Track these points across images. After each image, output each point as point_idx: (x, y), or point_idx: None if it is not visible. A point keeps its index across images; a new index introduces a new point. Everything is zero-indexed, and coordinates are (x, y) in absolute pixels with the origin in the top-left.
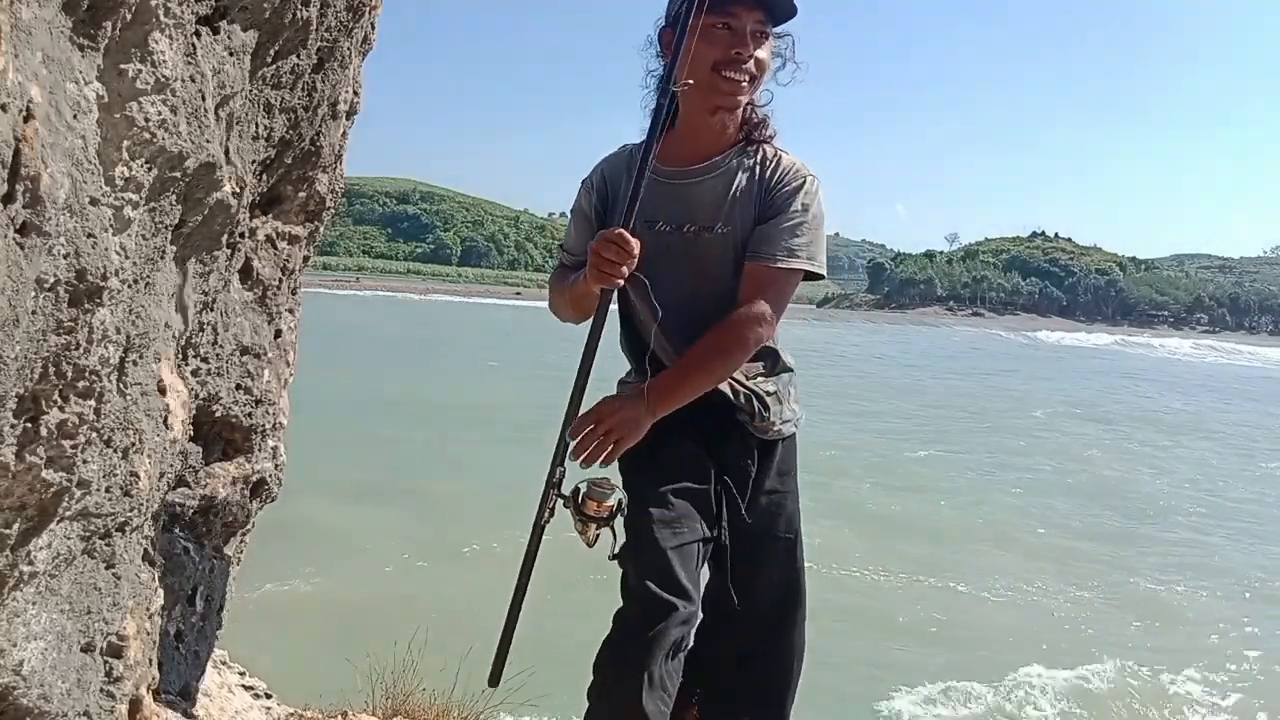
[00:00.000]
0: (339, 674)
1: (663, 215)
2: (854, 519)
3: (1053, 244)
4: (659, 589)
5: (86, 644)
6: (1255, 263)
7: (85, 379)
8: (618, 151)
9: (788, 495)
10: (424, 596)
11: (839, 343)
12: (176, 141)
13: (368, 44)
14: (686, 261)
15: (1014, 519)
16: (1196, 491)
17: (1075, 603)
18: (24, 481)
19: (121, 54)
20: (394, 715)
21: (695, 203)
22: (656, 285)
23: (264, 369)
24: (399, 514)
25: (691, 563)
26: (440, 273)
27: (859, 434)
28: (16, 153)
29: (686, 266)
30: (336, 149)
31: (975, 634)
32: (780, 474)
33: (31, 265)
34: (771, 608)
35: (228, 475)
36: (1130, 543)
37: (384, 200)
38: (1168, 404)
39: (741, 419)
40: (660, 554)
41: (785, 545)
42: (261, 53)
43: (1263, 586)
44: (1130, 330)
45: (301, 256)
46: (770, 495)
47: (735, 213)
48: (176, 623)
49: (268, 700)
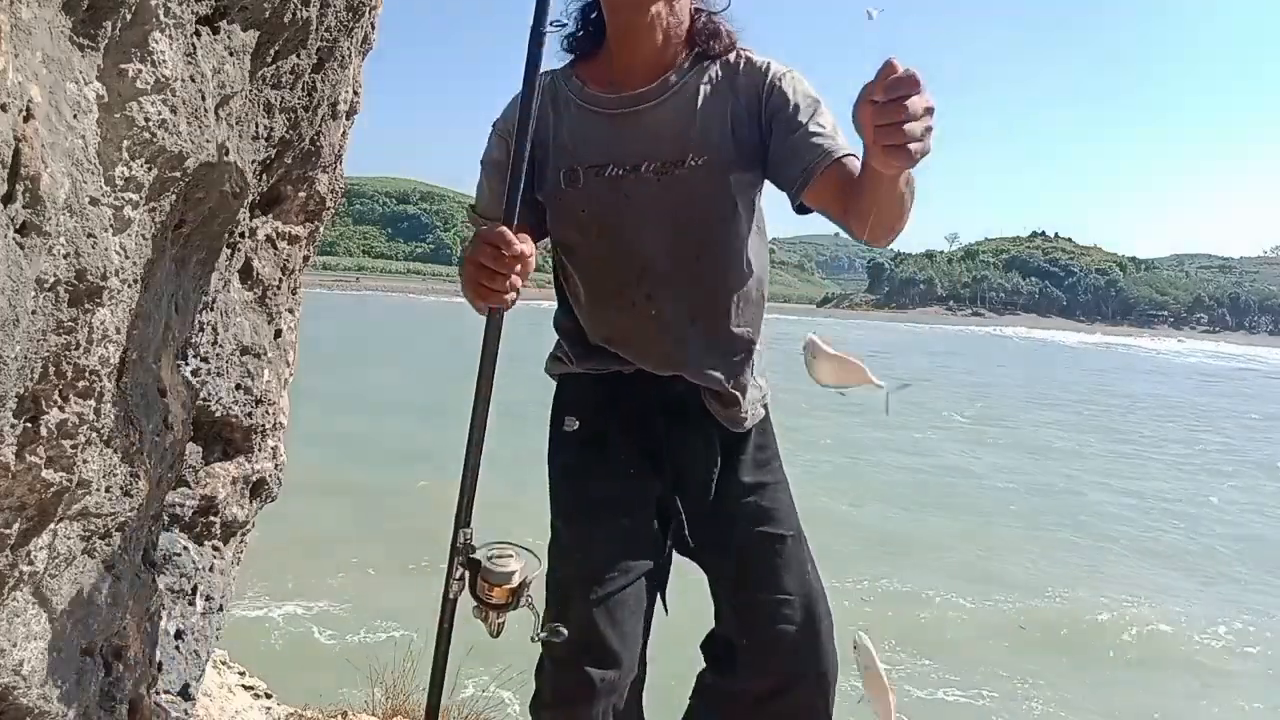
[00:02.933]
0: (339, 674)
1: (611, 155)
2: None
3: (1053, 244)
4: (577, 660)
5: (86, 644)
6: (1255, 263)
7: (85, 379)
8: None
9: (777, 486)
10: (425, 595)
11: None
12: (176, 141)
13: (368, 44)
14: (657, 208)
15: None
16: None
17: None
18: (24, 481)
19: (121, 54)
20: (394, 715)
21: (651, 134)
22: (620, 245)
23: (264, 369)
24: (399, 514)
25: (623, 611)
26: (440, 273)
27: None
28: (16, 153)
29: (659, 214)
30: (336, 149)
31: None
32: (759, 465)
33: (31, 265)
34: (797, 629)
35: (227, 475)
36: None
37: (384, 200)
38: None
39: (712, 407)
40: (582, 614)
41: (790, 546)
42: (261, 53)
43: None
44: (1135, 330)
45: (301, 256)
46: (756, 492)
47: (710, 138)
48: (176, 622)
49: (268, 700)
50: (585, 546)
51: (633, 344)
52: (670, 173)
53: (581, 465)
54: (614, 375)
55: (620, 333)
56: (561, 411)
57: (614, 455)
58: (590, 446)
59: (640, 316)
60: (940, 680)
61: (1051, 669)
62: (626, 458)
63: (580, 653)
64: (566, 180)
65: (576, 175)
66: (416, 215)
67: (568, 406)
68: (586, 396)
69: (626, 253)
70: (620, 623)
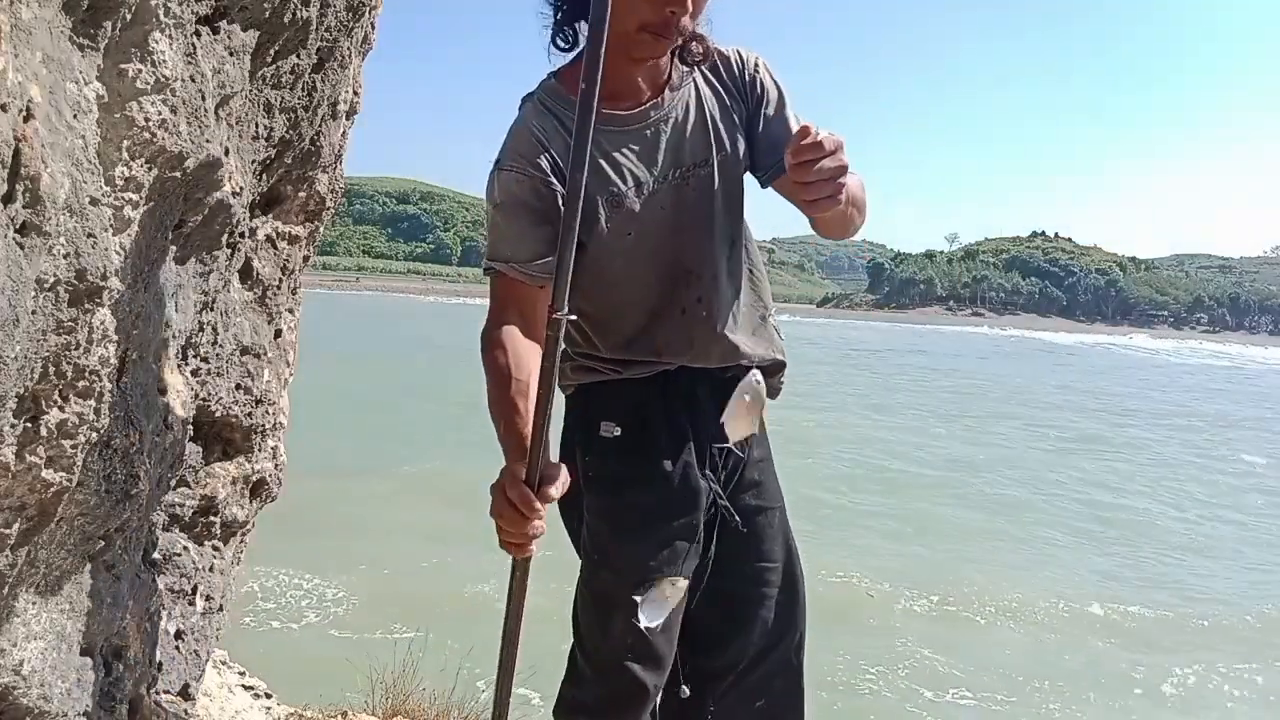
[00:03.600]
0: (339, 674)
1: (647, 171)
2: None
3: (1053, 244)
4: (626, 666)
5: (86, 644)
6: (1255, 263)
7: (85, 379)
8: (529, 110)
9: (770, 461)
10: (424, 596)
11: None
12: (176, 141)
13: (368, 44)
14: (694, 212)
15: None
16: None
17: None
18: (24, 481)
19: (121, 54)
20: (394, 715)
21: (675, 141)
22: (667, 257)
23: (264, 369)
24: (400, 514)
25: (677, 620)
26: (440, 273)
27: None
28: (16, 153)
29: (696, 217)
30: (336, 149)
31: None
32: (758, 441)
33: (31, 265)
34: (780, 591)
35: (227, 475)
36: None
37: (384, 200)
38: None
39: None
40: (628, 624)
41: (779, 516)
42: (261, 53)
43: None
44: (1135, 330)
45: (301, 256)
46: (757, 467)
47: (722, 135)
48: (176, 622)
49: (268, 700)
50: (632, 555)
51: (689, 349)
52: (697, 174)
53: (625, 472)
54: (660, 375)
55: (673, 344)
56: (597, 417)
57: (657, 458)
58: (633, 452)
59: (692, 321)
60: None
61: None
62: (671, 460)
63: (631, 659)
64: (609, 206)
65: (620, 199)
66: (416, 215)
67: (605, 412)
68: (628, 400)
69: (673, 263)
70: (672, 635)
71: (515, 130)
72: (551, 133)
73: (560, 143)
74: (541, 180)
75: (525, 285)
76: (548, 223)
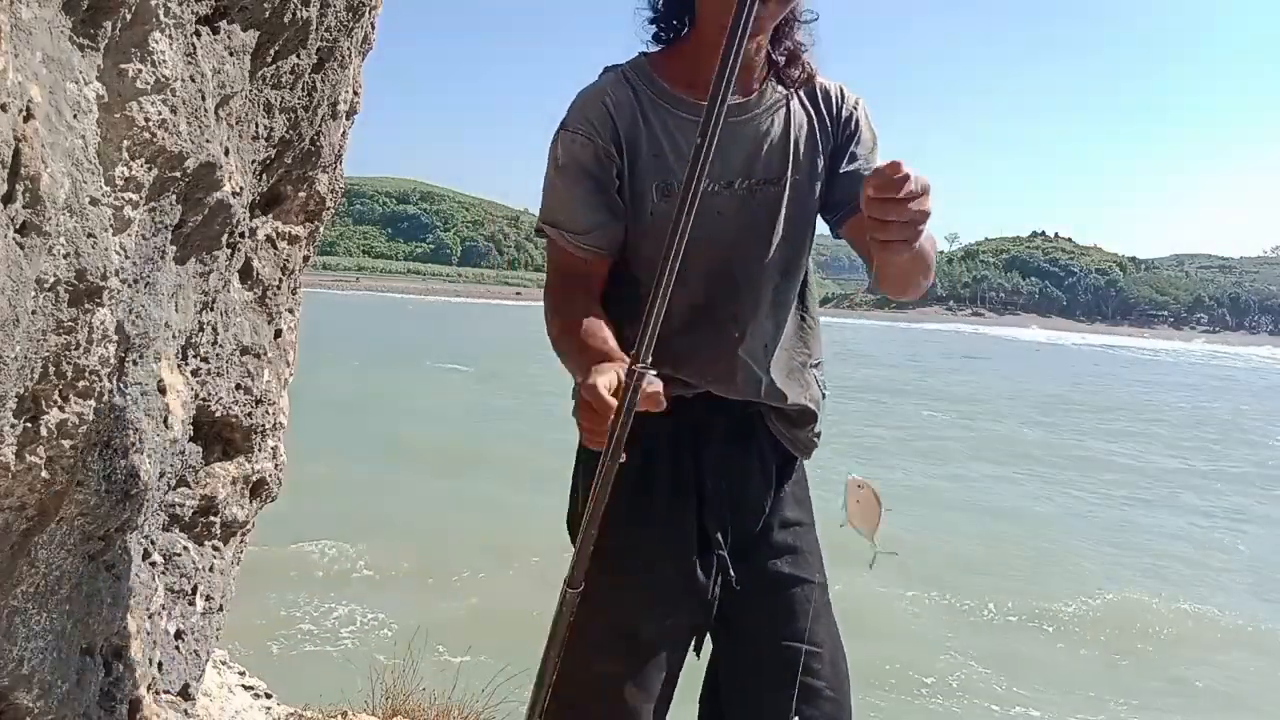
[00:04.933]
0: (339, 674)
1: (709, 169)
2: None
3: (1053, 244)
4: (597, 708)
5: (86, 644)
6: (1255, 263)
7: (85, 379)
8: (609, 79)
9: (811, 528)
10: (424, 595)
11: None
12: (176, 141)
13: (368, 44)
14: (752, 226)
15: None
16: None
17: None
18: (24, 481)
19: (121, 54)
20: (394, 715)
21: (749, 149)
22: (711, 265)
23: (264, 369)
24: (399, 513)
25: (654, 670)
26: (440, 273)
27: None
28: (16, 153)
29: (753, 232)
30: (336, 149)
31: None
32: (798, 501)
33: (31, 265)
34: (826, 684)
35: (227, 475)
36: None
37: (384, 200)
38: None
39: (775, 429)
40: (608, 674)
41: (819, 593)
42: (261, 53)
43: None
44: (1135, 330)
45: (301, 256)
46: (793, 530)
47: (801, 158)
48: (176, 623)
49: (268, 700)
50: (619, 596)
51: (712, 370)
52: (765, 190)
53: (622, 506)
54: (674, 400)
55: (699, 361)
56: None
57: (659, 492)
58: (631, 486)
59: (724, 340)
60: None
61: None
62: (672, 495)
63: (594, 700)
64: (660, 195)
65: (671, 190)
66: (416, 215)
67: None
68: (636, 426)
69: (716, 273)
70: (648, 686)
71: (588, 94)
72: (624, 103)
73: (628, 115)
74: (603, 148)
75: (576, 256)
76: (603, 192)
